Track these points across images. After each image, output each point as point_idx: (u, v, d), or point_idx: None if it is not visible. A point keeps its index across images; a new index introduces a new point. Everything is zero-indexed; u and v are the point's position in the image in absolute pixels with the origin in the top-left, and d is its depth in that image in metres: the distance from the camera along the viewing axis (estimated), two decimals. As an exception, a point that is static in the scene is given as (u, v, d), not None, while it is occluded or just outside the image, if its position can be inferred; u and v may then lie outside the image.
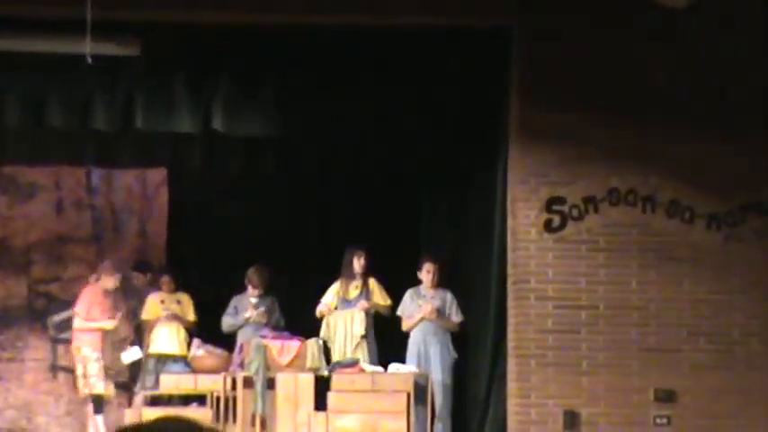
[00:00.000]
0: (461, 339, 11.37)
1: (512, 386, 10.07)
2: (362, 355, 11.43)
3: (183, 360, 11.96)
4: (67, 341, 12.99)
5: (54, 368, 13.02)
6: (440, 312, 11.34)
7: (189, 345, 12.05)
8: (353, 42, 10.11)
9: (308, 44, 10.09)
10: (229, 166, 11.76)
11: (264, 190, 12.53)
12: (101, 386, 11.60)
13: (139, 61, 9.90)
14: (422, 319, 11.33)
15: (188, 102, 10.20)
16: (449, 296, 11.41)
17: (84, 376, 11.66)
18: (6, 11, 9.74)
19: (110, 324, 11.84)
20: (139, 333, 12.45)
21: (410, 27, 10.02)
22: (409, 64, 10.18)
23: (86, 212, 13.19)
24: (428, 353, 11.26)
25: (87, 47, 8.99)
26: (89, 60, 9.06)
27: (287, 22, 9.97)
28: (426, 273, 11.43)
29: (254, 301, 11.99)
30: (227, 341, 11.95)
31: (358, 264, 11.65)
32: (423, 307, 11.33)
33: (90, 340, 11.74)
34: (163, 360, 12.05)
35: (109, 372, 11.87)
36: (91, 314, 11.80)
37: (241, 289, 12.07)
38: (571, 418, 9.83)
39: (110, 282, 11.94)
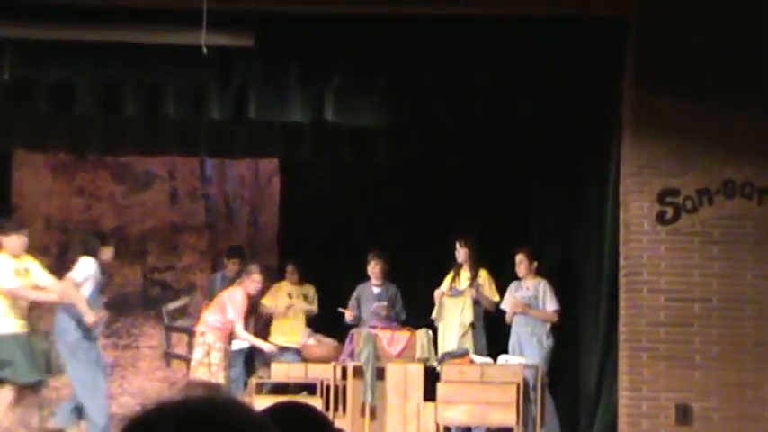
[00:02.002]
0: (572, 332, 11.32)
1: (623, 379, 9.98)
2: (469, 344, 11.43)
3: (294, 349, 12.04)
4: (181, 329, 13.18)
5: (168, 356, 13.23)
6: (531, 303, 11.32)
7: (305, 336, 12.14)
8: (466, 32, 10.09)
9: (420, 34, 10.10)
10: (341, 155, 11.83)
11: (376, 180, 12.58)
12: (221, 375, 11.62)
13: (253, 52, 9.99)
14: (514, 313, 11.35)
15: (300, 92, 10.27)
16: (542, 285, 11.38)
17: (208, 365, 11.62)
18: (123, 3, 9.92)
19: (269, 346, 11.91)
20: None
21: (524, 17, 9.97)
22: (523, 54, 10.13)
23: (200, 202, 13.38)
24: (521, 344, 11.26)
25: (203, 38, 9.12)
26: (204, 51, 9.19)
27: (399, 12, 9.99)
28: (518, 264, 11.44)
29: (376, 291, 12.03)
30: (337, 330, 12.02)
31: (458, 253, 11.66)
32: (513, 301, 11.38)
33: (216, 330, 11.75)
34: (280, 351, 12.13)
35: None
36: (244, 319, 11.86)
37: (358, 279, 12.12)
38: (683, 413, 9.71)
39: (254, 288, 11.89)
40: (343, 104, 10.25)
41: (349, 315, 11.92)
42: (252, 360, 12.27)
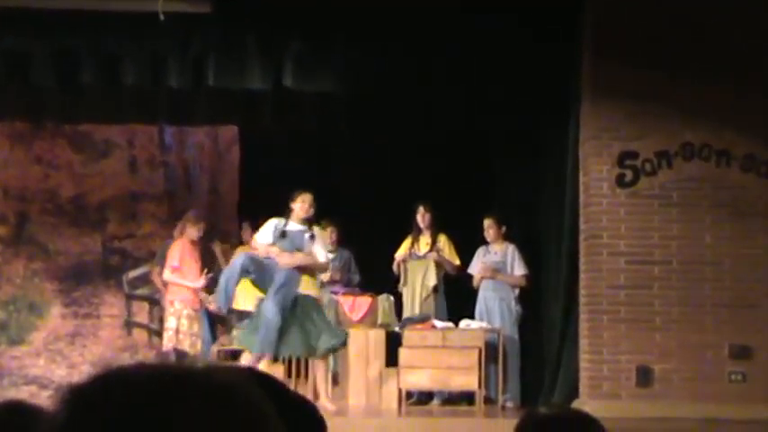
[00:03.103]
0: (534, 296, 11.36)
1: (584, 342, 10.05)
2: (431, 308, 11.45)
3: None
4: (142, 298, 13.13)
5: (129, 324, 13.18)
6: (500, 268, 11.33)
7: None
8: (425, 1, 10.07)
9: (378, 1, 10.06)
10: (300, 123, 11.78)
11: (336, 147, 12.55)
12: (187, 343, 11.60)
13: (211, 19, 9.93)
14: (482, 278, 11.36)
15: (259, 59, 10.22)
16: (510, 250, 11.39)
17: (177, 331, 11.60)
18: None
19: (199, 283, 11.78)
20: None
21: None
22: (481, 21, 10.12)
23: (159, 170, 13.31)
24: (490, 309, 11.28)
25: (160, 5, 9.06)
26: (161, 18, 9.12)
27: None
28: (486, 229, 11.44)
29: (330, 257, 12.02)
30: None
31: (422, 218, 11.67)
32: (482, 266, 11.38)
33: (184, 295, 11.74)
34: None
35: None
36: (183, 268, 11.78)
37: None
38: (644, 375, 9.79)
39: (195, 232, 11.91)
40: (303, 71, 10.22)
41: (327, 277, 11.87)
42: (214, 328, 12.25)
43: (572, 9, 10.07)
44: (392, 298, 11.69)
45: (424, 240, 11.70)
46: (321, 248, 10.45)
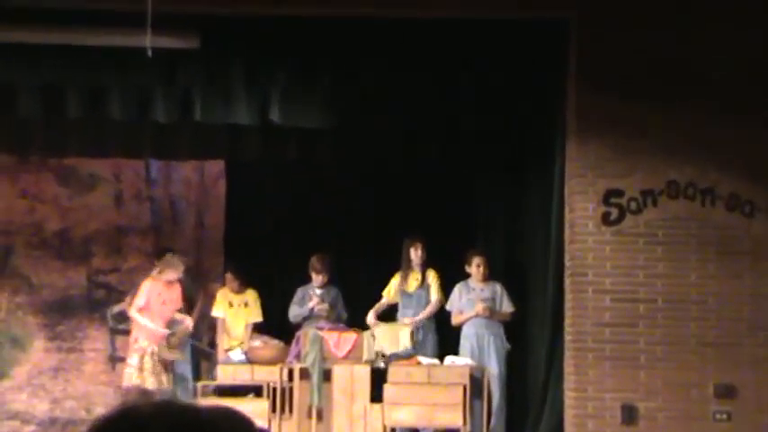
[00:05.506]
0: (518, 333, 11.34)
1: (569, 380, 10.03)
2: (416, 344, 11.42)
3: (240, 351, 11.98)
4: (126, 332, 13.07)
5: (113, 359, 13.10)
6: (491, 306, 11.32)
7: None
8: (411, 33, 10.10)
9: (364, 36, 10.10)
10: (287, 157, 11.79)
11: (322, 181, 12.56)
12: (152, 381, 11.51)
13: (198, 54, 9.95)
14: (474, 316, 11.31)
15: (246, 94, 10.24)
16: (498, 288, 11.38)
17: (140, 369, 11.53)
18: (68, 4, 9.84)
19: (162, 331, 11.67)
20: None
21: (467, 19, 10.00)
22: (467, 55, 10.15)
23: (145, 204, 13.28)
24: (482, 346, 11.24)
25: (147, 40, 9.05)
26: (149, 53, 9.12)
27: (343, 14, 9.98)
28: (476, 267, 11.41)
29: (318, 292, 11.99)
30: (283, 332, 11.98)
31: (415, 255, 11.64)
32: (476, 306, 11.29)
33: (149, 333, 11.68)
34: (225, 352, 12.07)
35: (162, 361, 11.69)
36: (151, 309, 11.72)
37: (305, 280, 12.08)
38: (629, 413, 9.77)
39: (173, 274, 11.84)
40: (289, 106, 10.24)
41: (317, 303, 11.84)
42: (198, 363, 12.20)
43: (557, 42, 10.10)
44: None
45: (414, 276, 11.68)
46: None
